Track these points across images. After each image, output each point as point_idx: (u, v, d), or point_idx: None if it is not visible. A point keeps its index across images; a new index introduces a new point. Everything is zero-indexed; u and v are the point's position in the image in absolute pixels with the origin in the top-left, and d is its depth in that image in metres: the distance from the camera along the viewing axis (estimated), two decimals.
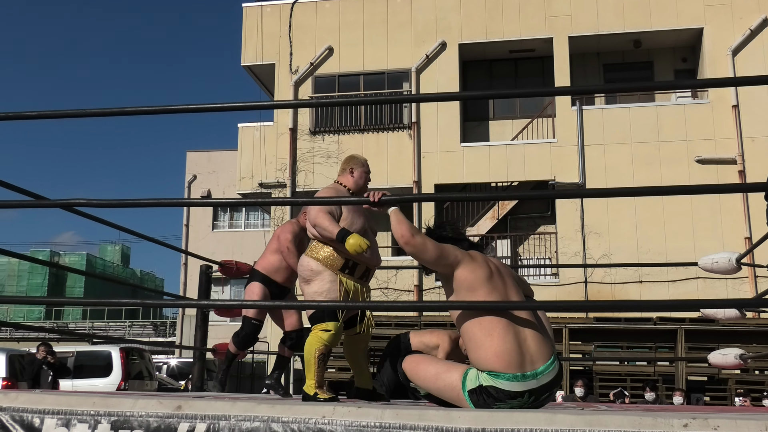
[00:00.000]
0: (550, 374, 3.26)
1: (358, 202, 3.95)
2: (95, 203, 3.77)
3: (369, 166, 4.74)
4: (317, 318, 4.33)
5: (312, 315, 4.35)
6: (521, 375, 3.19)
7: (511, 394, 3.17)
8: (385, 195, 3.61)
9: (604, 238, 16.71)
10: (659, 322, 13.15)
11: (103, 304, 4.77)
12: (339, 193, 4.52)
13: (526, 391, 3.19)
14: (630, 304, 8.43)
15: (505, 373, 3.17)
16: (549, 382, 3.26)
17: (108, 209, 5.38)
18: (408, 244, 3.40)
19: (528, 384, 3.20)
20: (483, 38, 18.17)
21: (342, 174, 4.66)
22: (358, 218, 4.45)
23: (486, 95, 5.43)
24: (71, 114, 3.87)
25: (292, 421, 2.73)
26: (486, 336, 3.21)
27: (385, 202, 3.58)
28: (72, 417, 2.95)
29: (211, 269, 7.30)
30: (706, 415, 2.49)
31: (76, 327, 34.82)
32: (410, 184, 17.60)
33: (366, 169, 4.67)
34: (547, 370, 3.26)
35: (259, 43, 19.06)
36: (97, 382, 14.10)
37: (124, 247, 49.55)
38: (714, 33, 17.26)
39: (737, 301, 5.63)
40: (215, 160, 28.93)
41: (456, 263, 3.39)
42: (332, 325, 4.31)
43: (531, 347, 3.26)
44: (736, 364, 6.46)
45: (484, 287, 3.34)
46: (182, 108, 3.79)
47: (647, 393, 11.50)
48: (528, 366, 3.21)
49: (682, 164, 16.56)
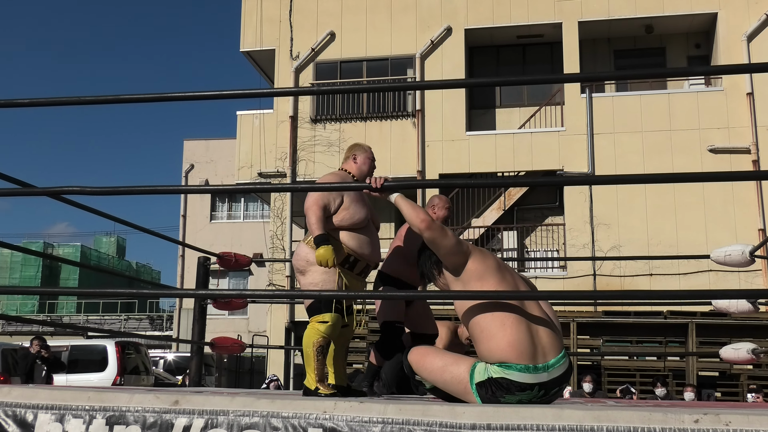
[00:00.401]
0: (560, 368, 3.25)
1: (360, 188, 3.81)
2: (88, 191, 3.57)
3: (373, 153, 4.67)
4: (314, 309, 4.23)
5: (309, 306, 4.26)
6: (533, 367, 3.17)
7: (521, 386, 3.16)
8: (387, 181, 3.50)
9: (613, 229, 16.41)
10: (670, 316, 13.03)
11: (99, 294, 4.41)
12: (343, 179, 4.45)
13: (537, 384, 3.18)
14: (639, 293, 8.31)
15: (517, 364, 3.15)
16: (559, 377, 3.25)
17: (102, 199, 5.10)
18: (429, 229, 3.33)
19: (539, 376, 3.19)
20: (490, 23, 17.79)
21: (345, 161, 4.62)
22: (360, 209, 4.39)
23: (493, 82, 5.14)
24: (65, 102, 3.77)
25: (293, 416, 2.67)
26: (499, 327, 3.18)
27: (387, 188, 3.49)
28: (66, 412, 2.91)
29: (209, 261, 7.11)
30: (717, 410, 2.46)
31: (71, 320, 34.46)
32: (414, 173, 17.28)
33: (369, 155, 4.60)
34: (558, 363, 3.24)
35: (259, 27, 18.65)
36: (92, 377, 13.96)
37: (120, 238, 49.13)
38: (728, 18, 16.88)
39: (750, 292, 5.39)
40: (213, 148, 28.52)
41: (468, 252, 3.36)
42: (329, 316, 4.21)
43: (543, 339, 3.24)
44: (748, 359, 6.47)
45: (494, 276, 3.31)
46: (179, 96, 3.66)
47: (657, 389, 11.52)
48: (540, 358, 3.20)
49: (694, 154, 16.22)
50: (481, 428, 2.49)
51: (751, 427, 2.34)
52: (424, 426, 2.54)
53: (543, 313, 3.30)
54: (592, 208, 16.67)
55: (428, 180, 16.20)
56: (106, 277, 37.93)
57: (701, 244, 14.90)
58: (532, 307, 3.27)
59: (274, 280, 17.76)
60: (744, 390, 12.39)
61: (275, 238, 18.02)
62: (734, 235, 15.36)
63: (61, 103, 3.79)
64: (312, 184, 4.18)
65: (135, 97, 3.69)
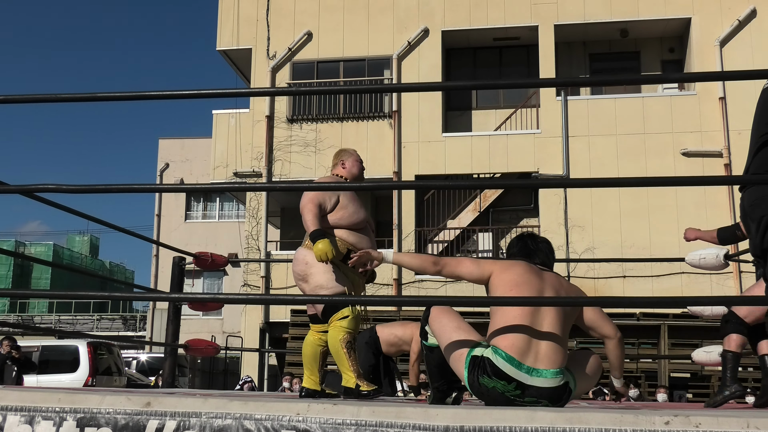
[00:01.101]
0: (548, 382, 3.24)
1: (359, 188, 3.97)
2: (64, 188, 3.47)
3: (360, 156, 4.79)
4: (330, 309, 4.22)
5: (323, 311, 4.26)
6: (518, 362, 3.20)
7: (500, 374, 3.19)
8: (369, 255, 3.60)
9: (587, 231, 16.53)
10: (642, 318, 13.13)
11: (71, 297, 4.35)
12: (336, 182, 4.52)
13: (515, 380, 3.19)
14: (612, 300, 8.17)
15: (504, 352, 3.21)
16: (542, 389, 3.23)
17: (76, 198, 4.98)
18: (444, 267, 3.46)
19: (520, 375, 3.19)
20: (467, 25, 17.85)
21: (334, 168, 4.67)
22: (359, 208, 4.45)
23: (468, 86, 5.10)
24: (38, 99, 3.68)
25: (266, 418, 2.66)
26: (502, 319, 3.29)
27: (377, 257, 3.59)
28: (36, 414, 2.86)
29: (183, 261, 6.96)
30: (687, 412, 2.48)
31: (42, 320, 34.05)
32: (390, 174, 17.28)
33: (357, 157, 4.69)
34: (547, 376, 3.23)
35: (236, 26, 18.55)
36: (64, 378, 13.74)
37: (93, 237, 48.61)
38: (702, 23, 17.07)
39: (723, 299, 5.43)
40: (189, 147, 28.29)
41: (489, 271, 3.43)
42: (347, 310, 4.20)
43: (541, 347, 3.26)
44: (719, 361, 6.42)
45: (517, 288, 3.35)
46: (155, 95, 3.58)
47: (630, 390, 11.59)
48: (529, 360, 3.22)
49: (667, 157, 16.39)
50: (455, 430, 2.49)
51: (720, 429, 2.35)
52: (397, 428, 2.54)
53: (556, 329, 3.32)
54: (567, 211, 16.78)
55: (404, 181, 16.23)
56: (78, 276, 37.48)
57: (674, 247, 15.01)
58: (547, 324, 3.31)
59: (249, 280, 17.67)
60: (715, 391, 12.55)
61: (250, 238, 17.93)
62: None
63: (33, 100, 3.72)
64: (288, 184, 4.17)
65: (110, 95, 3.63)
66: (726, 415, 2.44)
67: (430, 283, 16.71)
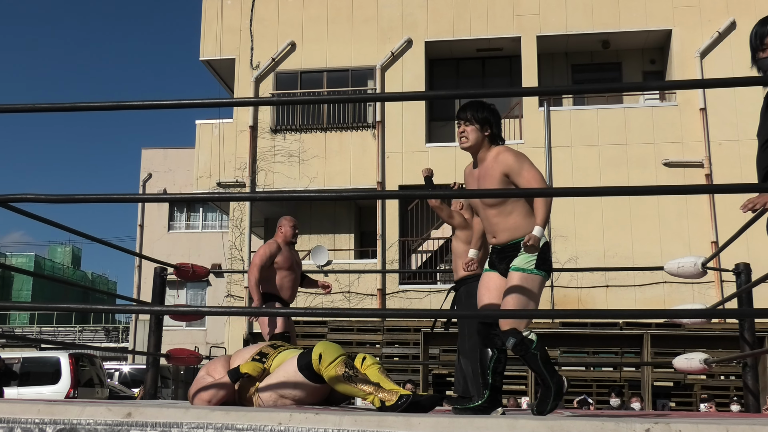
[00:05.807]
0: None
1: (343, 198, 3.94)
2: (43, 198, 3.46)
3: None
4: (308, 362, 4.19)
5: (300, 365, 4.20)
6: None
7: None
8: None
9: (570, 241, 16.58)
10: (625, 327, 13.22)
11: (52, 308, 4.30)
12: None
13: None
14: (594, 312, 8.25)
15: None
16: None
17: (58, 208, 4.91)
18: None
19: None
20: (450, 36, 17.92)
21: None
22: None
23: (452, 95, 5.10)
24: (18, 109, 3.64)
25: (247, 428, 2.68)
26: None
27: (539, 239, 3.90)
28: (15, 425, 2.84)
29: (165, 272, 6.94)
30: (668, 420, 2.50)
31: (23, 332, 33.66)
32: (374, 184, 17.28)
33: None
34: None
35: (219, 36, 18.53)
36: (45, 390, 13.59)
37: (75, 248, 48.27)
38: (682, 35, 17.24)
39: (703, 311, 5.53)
40: (172, 158, 28.17)
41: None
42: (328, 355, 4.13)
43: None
44: (700, 368, 6.61)
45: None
46: (138, 104, 3.58)
47: (612, 399, 11.82)
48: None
49: (649, 167, 16.49)
50: None
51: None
52: None
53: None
54: (550, 221, 16.81)
55: (388, 191, 16.23)
56: (60, 288, 37.21)
57: (656, 256, 15.12)
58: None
59: (233, 291, 17.60)
60: (697, 400, 12.64)
61: (234, 249, 17.86)
62: (688, 247, 15.61)
63: (14, 110, 3.68)
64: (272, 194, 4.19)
65: (91, 105, 3.63)
66: (706, 422, 2.47)
67: (414, 293, 16.75)
